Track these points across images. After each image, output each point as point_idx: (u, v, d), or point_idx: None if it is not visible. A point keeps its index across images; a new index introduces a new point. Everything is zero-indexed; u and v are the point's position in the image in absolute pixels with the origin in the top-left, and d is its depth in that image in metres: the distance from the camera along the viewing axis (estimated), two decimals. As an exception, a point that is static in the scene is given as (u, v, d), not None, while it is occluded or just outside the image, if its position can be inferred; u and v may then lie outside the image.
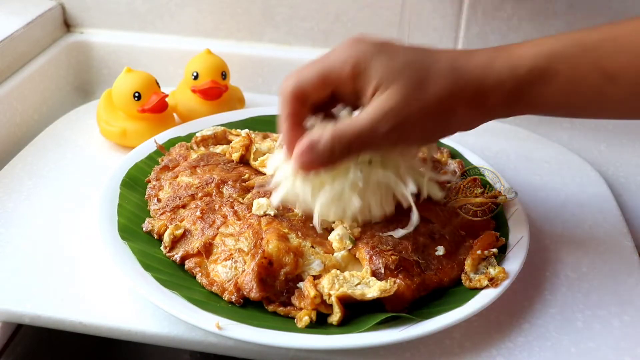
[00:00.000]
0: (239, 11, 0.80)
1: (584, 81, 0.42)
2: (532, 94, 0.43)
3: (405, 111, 0.41)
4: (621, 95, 0.42)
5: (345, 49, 0.43)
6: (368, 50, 0.42)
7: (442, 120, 0.44)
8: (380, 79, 0.42)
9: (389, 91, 0.41)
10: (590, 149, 0.75)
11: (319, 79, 0.43)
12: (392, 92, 0.41)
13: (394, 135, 0.42)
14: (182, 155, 0.61)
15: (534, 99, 0.43)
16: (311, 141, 0.43)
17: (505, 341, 0.47)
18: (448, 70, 0.42)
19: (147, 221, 0.53)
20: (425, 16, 0.76)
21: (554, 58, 0.42)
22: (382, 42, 0.43)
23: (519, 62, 0.42)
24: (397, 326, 0.44)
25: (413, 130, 0.43)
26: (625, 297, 0.52)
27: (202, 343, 0.46)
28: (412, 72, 0.42)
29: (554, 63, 0.42)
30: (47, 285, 0.50)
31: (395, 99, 0.41)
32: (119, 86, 0.67)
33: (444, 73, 0.42)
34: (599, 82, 0.41)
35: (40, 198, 0.60)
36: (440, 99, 0.42)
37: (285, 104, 0.44)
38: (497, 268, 0.48)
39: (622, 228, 0.60)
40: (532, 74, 0.42)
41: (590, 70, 0.41)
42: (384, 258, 0.47)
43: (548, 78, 0.42)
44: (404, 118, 0.42)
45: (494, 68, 0.42)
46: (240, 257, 0.48)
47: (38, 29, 0.77)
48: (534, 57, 0.42)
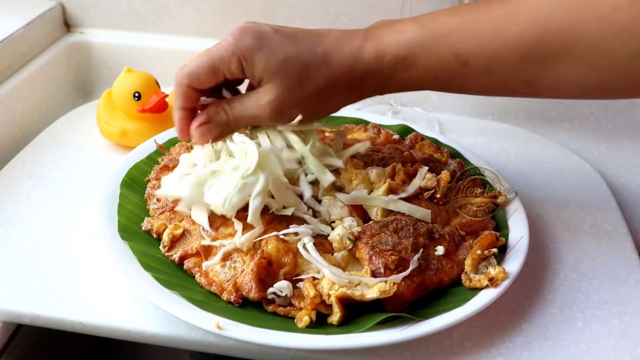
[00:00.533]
0: (239, 11, 0.80)
1: (441, 65, 0.46)
2: (397, 79, 0.47)
3: (283, 102, 0.47)
4: (475, 76, 0.46)
5: (231, 43, 0.46)
6: (251, 44, 0.45)
7: (321, 105, 0.49)
8: (261, 73, 0.46)
9: (269, 86, 0.46)
10: (590, 149, 0.75)
11: (209, 70, 0.47)
12: (271, 87, 0.46)
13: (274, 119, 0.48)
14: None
15: (400, 82, 0.48)
16: (208, 115, 0.49)
17: (505, 341, 0.47)
18: (323, 64, 0.46)
19: (146, 220, 0.53)
20: (425, 16, 0.76)
21: (413, 46, 0.46)
22: (265, 33, 0.46)
23: (384, 51, 0.46)
24: (397, 326, 0.44)
25: (291, 115, 0.48)
26: (625, 297, 0.52)
27: (202, 343, 0.46)
28: (289, 69, 0.46)
29: (413, 51, 0.46)
30: (47, 285, 0.50)
31: (274, 93, 0.46)
32: (119, 86, 0.67)
33: (319, 68, 0.46)
34: (454, 65, 0.46)
35: (40, 198, 0.60)
36: (316, 91, 0.47)
37: (180, 93, 0.49)
38: (497, 268, 0.48)
39: (622, 228, 0.60)
40: (396, 61, 0.46)
41: (445, 56, 0.46)
42: (384, 258, 0.47)
43: (409, 64, 0.46)
44: (282, 108, 0.47)
45: (362, 59, 0.47)
46: (239, 257, 0.48)
47: (38, 29, 0.77)
48: (396, 46, 0.46)
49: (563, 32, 0.42)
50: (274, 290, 0.46)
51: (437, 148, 0.64)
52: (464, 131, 0.75)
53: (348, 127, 0.67)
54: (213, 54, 0.46)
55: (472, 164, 0.61)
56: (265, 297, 0.46)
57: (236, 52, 0.46)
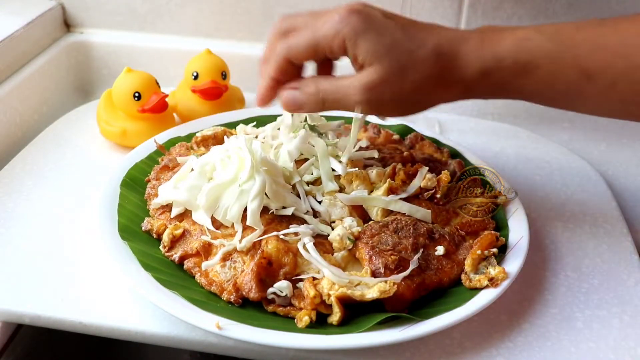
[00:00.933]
0: (239, 11, 0.80)
1: (562, 77, 0.44)
2: (511, 85, 0.45)
3: (380, 89, 0.44)
4: (597, 93, 0.44)
5: (337, 21, 0.44)
6: (357, 25, 0.44)
7: (416, 101, 0.47)
8: (365, 56, 0.44)
9: (371, 69, 0.44)
10: (590, 149, 0.75)
11: (310, 49, 0.46)
12: (372, 71, 0.44)
13: (366, 106, 0.46)
14: (182, 155, 0.61)
15: (515, 89, 0.46)
16: (300, 83, 0.48)
17: (505, 341, 0.47)
18: (432, 57, 0.44)
19: (146, 220, 0.53)
20: (425, 16, 0.76)
21: (536, 53, 0.44)
22: (373, 16, 0.45)
23: (503, 55, 0.44)
24: (397, 326, 0.44)
25: (385, 106, 0.46)
26: (625, 297, 0.52)
27: (202, 343, 0.46)
28: (394, 55, 0.44)
29: (536, 58, 0.44)
30: (47, 285, 0.50)
31: (373, 76, 0.44)
32: (119, 86, 0.67)
33: (427, 60, 0.44)
34: (576, 78, 0.44)
35: (40, 198, 0.60)
36: (418, 86, 0.45)
37: (275, 63, 0.48)
38: (497, 268, 0.48)
39: (622, 228, 0.60)
40: (515, 67, 0.44)
41: (569, 67, 0.44)
42: (384, 258, 0.47)
43: (528, 71, 0.44)
44: (378, 95, 0.45)
45: (478, 59, 0.44)
46: (239, 257, 0.48)
47: (38, 29, 0.77)
48: (518, 51, 0.44)
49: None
50: (274, 290, 0.46)
51: (437, 148, 0.64)
52: (464, 131, 0.75)
53: (348, 127, 0.67)
54: (317, 32, 0.45)
55: (472, 164, 0.61)
56: (265, 297, 0.46)
57: (341, 31, 0.44)
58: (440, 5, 0.75)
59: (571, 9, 0.73)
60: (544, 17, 0.74)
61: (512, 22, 0.74)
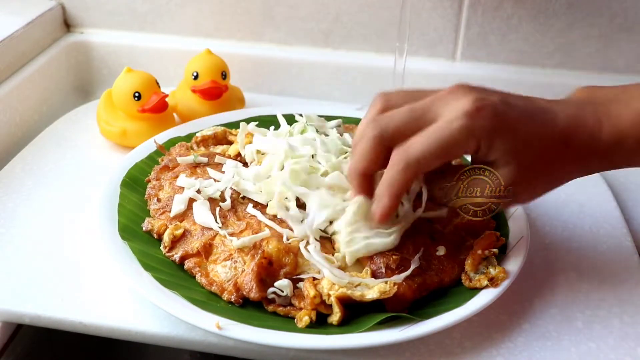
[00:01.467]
0: (239, 11, 0.80)
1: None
2: (632, 161, 0.45)
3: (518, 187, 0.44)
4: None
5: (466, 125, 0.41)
6: (489, 125, 0.41)
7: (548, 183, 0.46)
8: (499, 156, 0.43)
9: (508, 169, 0.43)
10: (590, 149, 0.75)
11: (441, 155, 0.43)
12: (510, 171, 0.43)
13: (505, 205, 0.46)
14: (182, 155, 0.61)
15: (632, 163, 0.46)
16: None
17: (505, 341, 0.47)
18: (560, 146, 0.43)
19: (146, 221, 0.53)
20: (425, 16, 0.76)
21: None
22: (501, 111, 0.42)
23: (624, 134, 0.43)
24: (397, 326, 0.44)
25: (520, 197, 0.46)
26: (625, 297, 0.52)
27: (202, 343, 0.46)
28: (529, 152, 0.43)
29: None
30: (47, 285, 0.50)
31: (511, 177, 0.43)
32: (119, 86, 0.67)
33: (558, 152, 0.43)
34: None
35: (40, 198, 0.60)
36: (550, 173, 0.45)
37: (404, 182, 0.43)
38: (497, 268, 0.48)
39: (622, 228, 0.60)
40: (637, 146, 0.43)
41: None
42: (385, 258, 0.47)
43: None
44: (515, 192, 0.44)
45: (600, 143, 0.43)
46: (239, 257, 0.48)
47: (38, 29, 0.77)
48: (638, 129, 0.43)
49: None
50: (275, 290, 0.46)
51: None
52: (464, 131, 0.75)
53: (348, 127, 0.67)
54: (444, 139, 0.41)
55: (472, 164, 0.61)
56: (265, 297, 0.46)
57: (474, 134, 0.41)
58: (440, 6, 0.75)
59: (571, 9, 0.73)
60: (544, 17, 0.74)
61: (512, 22, 0.74)
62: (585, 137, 0.43)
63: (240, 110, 0.72)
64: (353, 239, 0.48)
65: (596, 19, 0.73)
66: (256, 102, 0.77)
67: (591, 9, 0.72)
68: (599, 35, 0.74)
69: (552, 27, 0.74)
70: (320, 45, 0.81)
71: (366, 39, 0.79)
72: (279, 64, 0.81)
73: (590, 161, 0.45)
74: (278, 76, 0.82)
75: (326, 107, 0.73)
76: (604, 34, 0.74)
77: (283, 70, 0.81)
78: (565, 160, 0.44)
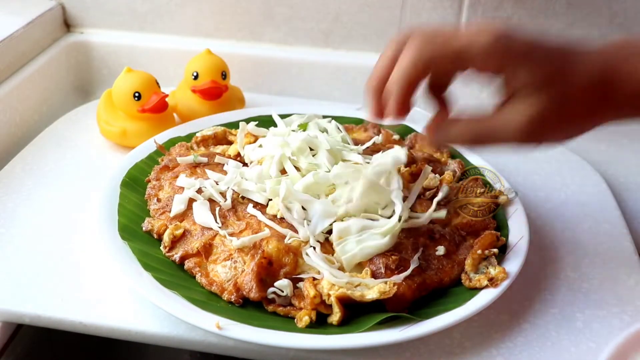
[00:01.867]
0: (239, 11, 0.80)
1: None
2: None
3: (544, 120, 0.41)
4: None
5: (492, 40, 0.39)
6: (517, 51, 0.40)
7: (573, 130, 0.43)
8: (522, 86, 0.40)
9: (529, 103, 0.40)
10: (590, 149, 0.75)
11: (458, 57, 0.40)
12: (531, 105, 0.40)
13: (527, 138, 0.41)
14: (182, 155, 0.61)
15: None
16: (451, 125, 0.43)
17: (505, 341, 0.47)
18: (589, 86, 0.41)
19: (146, 221, 0.53)
20: (425, 16, 0.76)
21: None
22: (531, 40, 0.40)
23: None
24: (397, 326, 0.44)
25: (542, 137, 0.42)
26: (625, 297, 0.52)
27: (202, 343, 0.46)
28: (555, 87, 0.40)
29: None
30: (47, 285, 0.50)
31: (533, 113, 0.40)
32: (119, 86, 0.67)
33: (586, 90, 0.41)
34: None
35: (40, 198, 0.60)
36: (577, 116, 0.42)
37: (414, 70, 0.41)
38: (497, 268, 0.48)
39: (622, 228, 0.60)
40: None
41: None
42: (385, 258, 0.47)
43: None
44: (542, 126, 0.41)
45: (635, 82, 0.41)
46: (239, 257, 0.48)
47: (38, 29, 0.77)
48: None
49: None
50: (275, 290, 0.46)
51: (437, 148, 0.64)
52: (464, 131, 0.75)
53: (348, 127, 0.67)
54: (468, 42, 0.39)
55: (472, 164, 0.61)
56: (265, 297, 0.46)
57: (496, 53, 0.39)
58: (440, 6, 0.75)
59: (571, 9, 0.73)
60: (544, 17, 0.73)
61: (512, 22, 0.74)
62: (618, 82, 0.41)
63: (240, 110, 0.72)
64: (345, 242, 0.48)
65: (596, 19, 0.73)
66: (256, 102, 0.77)
67: (591, 9, 0.72)
68: (599, 35, 0.74)
69: (552, 27, 0.74)
70: (320, 45, 0.81)
71: (366, 39, 0.79)
72: (279, 64, 0.81)
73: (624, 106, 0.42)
74: (278, 76, 0.82)
75: (326, 107, 0.73)
76: (604, 34, 0.74)
77: (283, 70, 0.81)
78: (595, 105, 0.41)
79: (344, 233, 0.49)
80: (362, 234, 0.48)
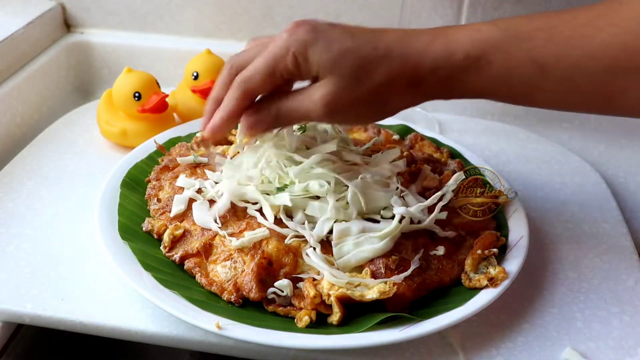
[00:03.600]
0: (239, 11, 0.80)
1: (516, 71, 0.42)
2: (465, 81, 0.43)
3: (338, 98, 0.43)
4: (553, 87, 0.42)
5: (284, 39, 0.43)
6: (305, 37, 0.43)
7: (376, 107, 0.45)
8: (317, 68, 0.43)
9: (324, 81, 0.43)
10: (590, 149, 0.75)
11: (267, 76, 0.44)
12: (326, 82, 0.43)
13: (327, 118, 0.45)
14: (182, 156, 0.61)
15: (467, 85, 0.44)
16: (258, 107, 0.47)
17: (505, 341, 0.47)
18: (384, 59, 0.43)
19: (146, 221, 0.53)
20: (425, 16, 0.76)
21: (489, 47, 0.42)
22: (320, 27, 0.43)
23: (455, 48, 0.42)
24: (397, 326, 0.44)
25: (346, 114, 0.45)
26: (625, 297, 0.52)
27: (202, 343, 0.46)
28: (346, 62, 0.43)
29: (488, 52, 0.42)
30: (47, 285, 0.50)
31: (328, 88, 0.43)
32: (119, 86, 0.67)
33: (379, 64, 0.43)
34: (530, 72, 0.42)
35: (40, 198, 0.60)
36: (374, 89, 0.43)
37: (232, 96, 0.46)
38: (497, 268, 0.48)
39: (622, 228, 0.60)
40: (467, 61, 0.42)
41: (523, 61, 0.42)
42: (385, 258, 0.47)
43: (481, 66, 0.42)
44: (336, 104, 0.43)
45: (429, 55, 0.43)
46: (239, 258, 0.48)
47: (38, 29, 0.77)
48: (470, 44, 0.42)
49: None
50: (275, 290, 0.46)
51: (437, 148, 0.64)
52: (464, 131, 0.75)
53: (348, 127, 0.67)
54: (269, 55, 0.44)
55: (472, 164, 0.61)
56: (265, 297, 0.46)
57: (290, 47, 0.43)
58: (440, 5, 0.75)
59: (571, 9, 0.73)
60: (544, 17, 0.73)
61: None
62: (412, 50, 0.43)
63: (240, 110, 0.72)
64: (343, 243, 0.48)
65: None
66: (256, 102, 0.77)
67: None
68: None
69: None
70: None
71: (366, 39, 0.79)
72: (279, 64, 0.81)
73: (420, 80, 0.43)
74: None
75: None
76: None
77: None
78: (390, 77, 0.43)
79: (344, 234, 0.49)
80: (360, 236, 0.48)
